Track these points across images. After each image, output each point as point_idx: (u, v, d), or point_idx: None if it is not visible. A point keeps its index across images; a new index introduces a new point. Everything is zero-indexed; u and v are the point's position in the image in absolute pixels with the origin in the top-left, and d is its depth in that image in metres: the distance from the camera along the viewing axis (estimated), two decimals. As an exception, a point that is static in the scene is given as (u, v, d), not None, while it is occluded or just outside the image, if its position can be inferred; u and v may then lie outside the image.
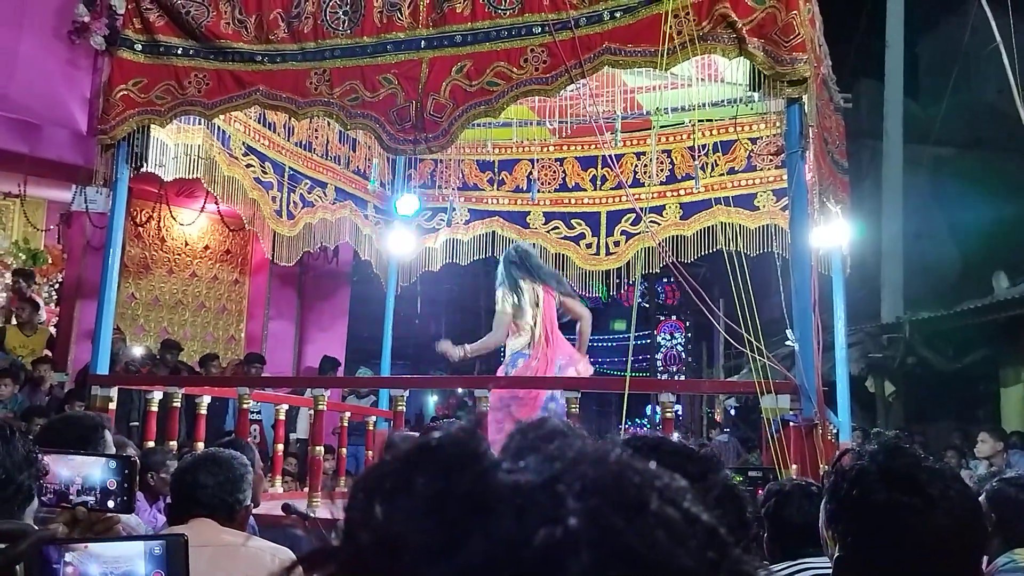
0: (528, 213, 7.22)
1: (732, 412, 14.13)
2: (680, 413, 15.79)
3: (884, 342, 10.77)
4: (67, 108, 8.26)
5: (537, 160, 7.06)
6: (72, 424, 2.76)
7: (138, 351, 8.19)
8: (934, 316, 10.63)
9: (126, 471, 1.70)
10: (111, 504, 1.67)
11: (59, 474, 1.64)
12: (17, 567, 1.35)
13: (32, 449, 1.43)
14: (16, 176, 8.28)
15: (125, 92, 5.05)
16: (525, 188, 7.11)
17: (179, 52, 5.07)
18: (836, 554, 1.47)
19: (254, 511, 3.03)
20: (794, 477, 3.76)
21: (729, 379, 10.39)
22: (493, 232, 7.26)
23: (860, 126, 11.98)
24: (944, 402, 9.26)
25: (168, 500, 2.97)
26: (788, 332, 4.16)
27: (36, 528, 1.39)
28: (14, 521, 1.38)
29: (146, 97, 5.04)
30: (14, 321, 8.30)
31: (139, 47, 5.10)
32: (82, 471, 1.66)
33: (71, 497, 1.64)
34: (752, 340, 3.97)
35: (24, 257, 9.19)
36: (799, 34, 4.09)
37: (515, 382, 5.27)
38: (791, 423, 3.95)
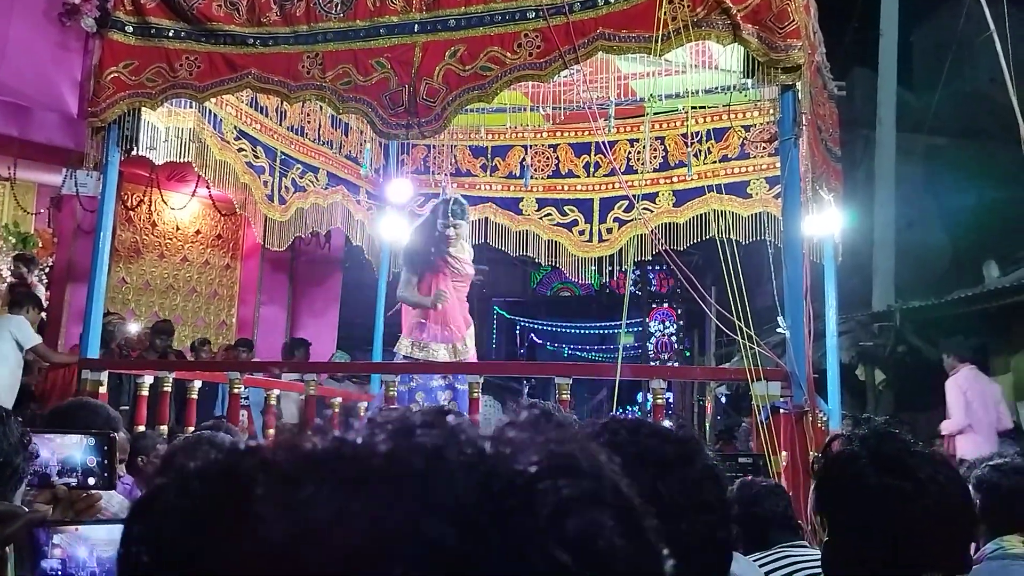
0: (521, 199, 7.20)
1: (723, 400, 14.16)
2: (671, 401, 15.81)
3: (875, 330, 10.80)
4: (57, 91, 8.20)
5: (530, 146, 7.04)
6: (89, 411, 2.74)
7: (133, 328, 8.18)
8: (925, 305, 10.65)
9: (105, 448, 1.70)
10: (92, 482, 1.67)
11: (40, 455, 1.64)
12: (7, 548, 1.34)
13: (26, 432, 1.43)
14: (6, 159, 8.23)
15: (116, 75, 5.02)
16: (518, 174, 7.10)
17: (170, 34, 5.03)
18: (824, 539, 1.47)
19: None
20: (784, 464, 3.79)
21: (720, 366, 10.42)
22: (486, 218, 7.24)
23: (854, 115, 11.97)
24: (934, 391, 9.28)
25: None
26: (779, 319, 4.16)
27: (26, 510, 1.39)
28: (4, 503, 1.37)
29: (137, 80, 5.01)
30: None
31: (130, 29, 5.07)
32: (62, 451, 1.65)
33: (53, 478, 1.63)
34: (743, 327, 3.98)
35: (14, 241, 9.16)
36: (794, 21, 4.08)
37: (508, 368, 5.27)
38: (781, 410, 3.96)
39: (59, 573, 1.25)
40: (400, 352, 5.71)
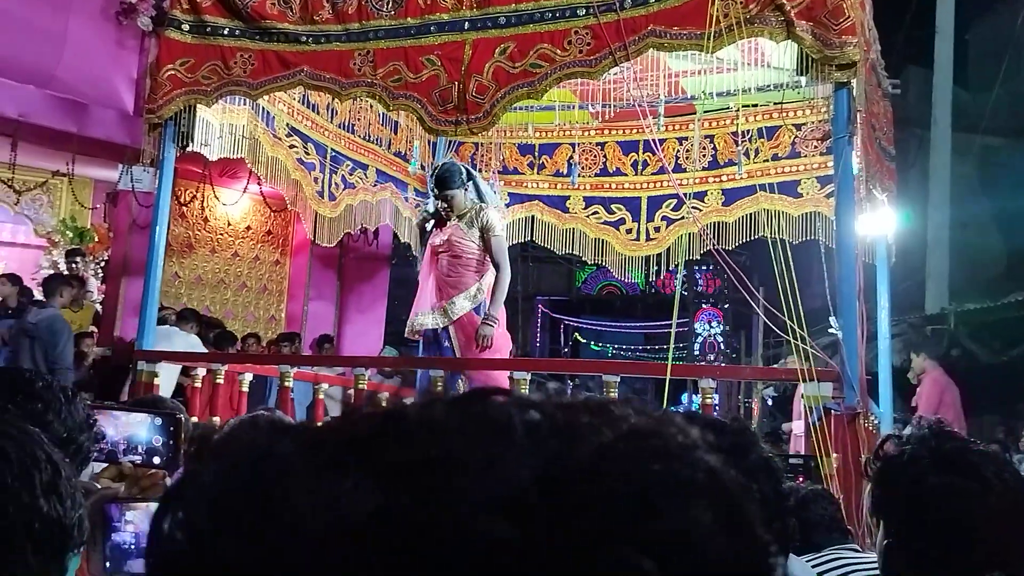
0: (568, 197, 7.20)
1: (769, 402, 14.00)
2: (716, 403, 15.65)
3: (928, 333, 10.61)
4: (114, 88, 8.38)
5: (578, 144, 7.03)
6: (160, 407, 2.78)
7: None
8: (980, 308, 10.44)
9: (171, 428, 1.73)
10: (156, 460, 1.70)
11: (106, 433, 1.67)
12: None
13: (91, 413, 1.46)
14: (65, 155, 8.41)
15: (172, 72, 5.11)
16: (565, 172, 7.09)
17: (225, 32, 5.11)
18: (884, 540, 1.45)
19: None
20: (835, 465, 3.74)
21: (771, 366, 10.30)
22: (532, 216, 7.25)
23: (908, 114, 11.76)
24: (989, 395, 9.10)
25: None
26: (832, 320, 4.11)
27: (98, 487, 1.42)
28: (78, 479, 1.41)
29: (193, 77, 5.09)
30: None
31: (186, 27, 5.16)
32: (128, 430, 1.69)
33: (119, 457, 1.67)
34: (795, 328, 3.93)
35: (71, 235, 9.36)
36: (849, 17, 4.02)
37: (556, 365, 5.26)
38: (833, 411, 3.91)
39: (132, 547, 1.28)
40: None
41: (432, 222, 5.51)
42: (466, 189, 5.40)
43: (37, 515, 0.69)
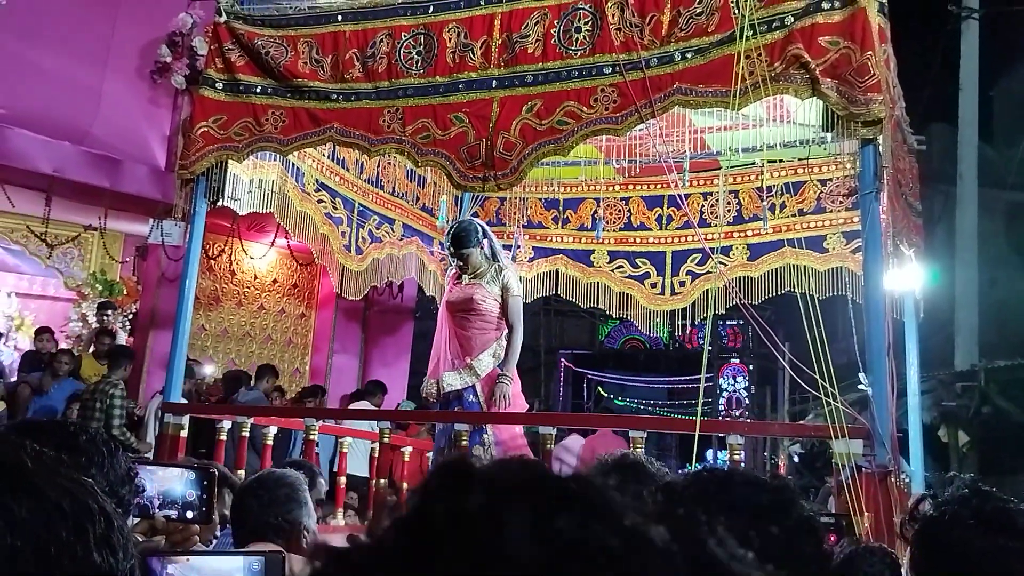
0: (592, 251, 7.22)
1: (796, 459, 13.81)
2: (743, 459, 15.38)
3: (958, 390, 10.46)
4: (147, 145, 8.56)
5: (602, 199, 7.07)
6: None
7: (208, 369, 8.39)
8: (1011, 364, 10.29)
9: (205, 482, 1.74)
10: (190, 515, 1.71)
11: (145, 487, 1.68)
12: None
13: (132, 466, 1.47)
14: (97, 209, 8.57)
15: (206, 129, 5.22)
16: (590, 227, 7.12)
17: (258, 90, 5.22)
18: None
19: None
20: (867, 525, 3.67)
21: (800, 423, 10.16)
22: (557, 270, 7.27)
23: (932, 170, 11.76)
24: (1021, 454, 8.92)
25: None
26: (861, 376, 4.06)
27: (140, 539, 1.43)
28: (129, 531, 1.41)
29: (225, 134, 5.19)
30: (91, 349, 8.55)
31: (220, 86, 5.27)
32: (164, 484, 1.70)
33: (153, 510, 1.68)
34: (825, 384, 3.89)
35: (101, 288, 9.49)
36: (874, 75, 4.04)
37: (583, 420, 5.22)
38: (864, 469, 3.85)
39: (172, 601, 1.28)
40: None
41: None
42: (481, 247, 5.47)
43: (91, 568, 0.70)
